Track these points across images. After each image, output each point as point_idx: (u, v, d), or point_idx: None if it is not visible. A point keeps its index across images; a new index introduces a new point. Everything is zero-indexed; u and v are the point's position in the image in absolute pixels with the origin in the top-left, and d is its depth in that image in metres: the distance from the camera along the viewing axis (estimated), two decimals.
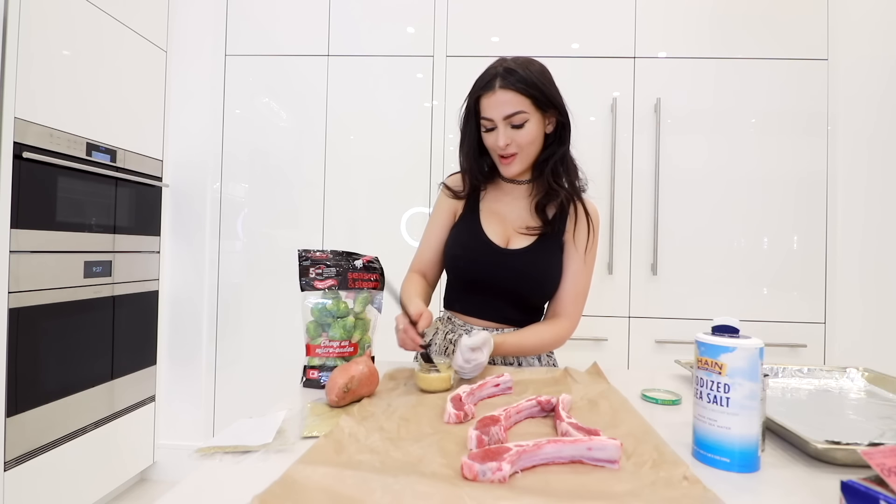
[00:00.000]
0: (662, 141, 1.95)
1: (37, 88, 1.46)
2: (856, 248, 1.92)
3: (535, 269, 1.03)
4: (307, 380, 0.85)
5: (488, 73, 0.99)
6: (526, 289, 1.04)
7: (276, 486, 0.46)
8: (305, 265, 0.87)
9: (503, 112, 0.96)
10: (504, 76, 0.96)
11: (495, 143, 0.99)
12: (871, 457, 0.41)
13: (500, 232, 1.06)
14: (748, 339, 0.55)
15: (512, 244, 1.05)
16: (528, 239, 1.04)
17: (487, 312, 1.06)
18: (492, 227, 1.06)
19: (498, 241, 1.04)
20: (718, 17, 1.96)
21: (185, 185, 2.10)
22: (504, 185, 1.11)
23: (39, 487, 1.49)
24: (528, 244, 1.04)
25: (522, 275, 1.02)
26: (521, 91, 0.96)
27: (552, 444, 0.53)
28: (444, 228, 1.12)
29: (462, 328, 1.07)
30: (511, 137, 0.98)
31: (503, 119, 0.97)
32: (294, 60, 2.08)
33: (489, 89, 0.97)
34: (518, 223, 1.07)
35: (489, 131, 1.01)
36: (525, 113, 0.97)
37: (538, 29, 2.00)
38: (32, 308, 1.46)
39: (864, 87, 1.92)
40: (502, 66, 0.98)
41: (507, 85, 0.96)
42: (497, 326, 1.06)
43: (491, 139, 1.01)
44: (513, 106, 0.96)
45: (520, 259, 1.03)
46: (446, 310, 1.14)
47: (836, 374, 0.94)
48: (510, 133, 0.98)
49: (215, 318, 2.10)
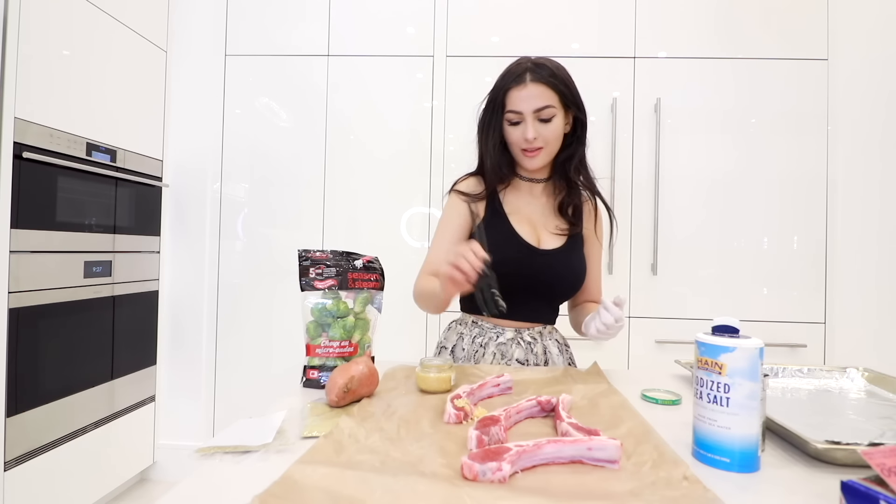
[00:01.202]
0: (662, 141, 1.95)
1: (37, 88, 1.46)
2: (856, 247, 1.92)
3: (569, 268, 1.06)
4: (307, 380, 0.85)
5: (517, 67, 1.01)
6: (560, 287, 1.07)
7: (276, 486, 0.46)
8: (305, 265, 0.87)
9: (534, 105, 0.98)
10: (535, 70, 0.99)
11: (522, 136, 1.00)
12: (871, 457, 0.41)
13: (531, 232, 1.06)
14: (748, 339, 0.55)
15: (543, 244, 1.06)
16: (559, 238, 1.06)
17: (521, 313, 1.06)
18: (522, 228, 1.05)
19: (531, 242, 1.05)
20: (718, 17, 1.96)
21: (185, 185, 2.11)
22: (521, 184, 1.11)
23: (39, 487, 1.49)
24: (560, 244, 1.06)
25: (557, 274, 1.04)
26: (551, 86, 0.98)
27: (552, 444, 0.53)
28: (460, 230, 1.08)
29: (492, 330, 1.06)
30: (538, 131, 0.99)
31: (533, 112, 0.98)
32: (294, 60, 2.08)
33: (521, 82, 0.98)
34: (545, 222, 1.08)
35: (515, 125, 1.01)
36: (553, 108, 0.99)
37: (538, 29, 2.00)
38: (32, 308, 1.46)
39: (864, 87, 1.92)
40: (531, 62, 1.01)
41: (539, 79, 0.98)
42: (528, 326, 1.07)
43: (517, 132, 1.01)
44: (543, 99, 0.98)
45: (554, 258, 1.04)
46: (468, 314, 1.12)
47: (836, 374, 0.94)
48: (538, 127, 0.99)
49: (215, 318, 2.10)
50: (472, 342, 1.07)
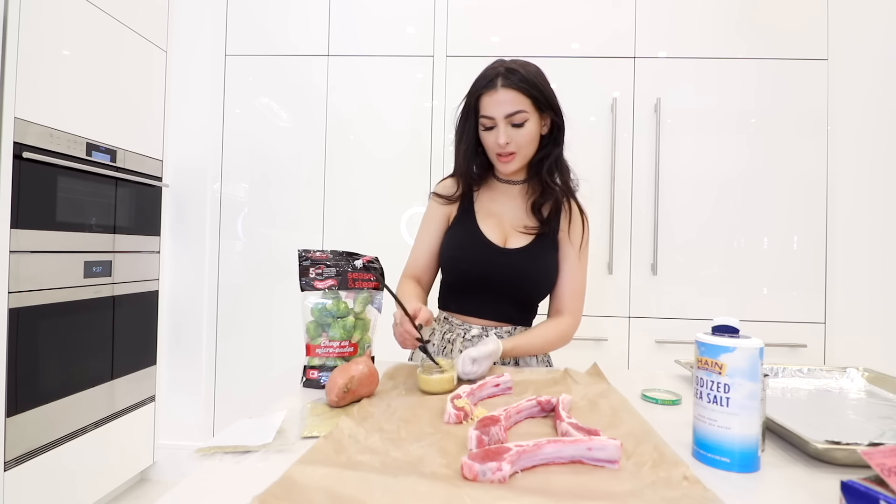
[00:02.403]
0: (662, 141, 1.95)
1: (37, 88, 1.46)
2: (856, 247, 1.92)
3: (534, 267, 1.04)
4: (307, 380, 0.85)
5: (489, 72, 1.01)
6: (524, 287, 1.05)
7: (276, 486, 0.46)
8: (305, 265, 0.87)
9: (505, 111, 0.98)
10: (506, 76, 0.98)
11: (495, 142, 1.00)
12: (871, 457, 0.41)
13: (498, 232, 1.07)
14: (748, 339, 0.55)
15: (510, 243, 1.06)
16: (526, 238, 1.06)
17: (485, 311, 1.07)
18: (489, 227, 1.07)
19: (496, 241, 1.05)
20: (718, 17, 1.96)
21: (185, 185, 2.10)
22: (498, 185, 1.12)
23: (39, 487, 1.49)
24: (525, 243, 1.05)
25: (521, 273, 1.03)
26: (522, 91, 0.98)
27: (552, 444, 0.53)
28: (437, 233, 1.12)
29: (460, 327, 1.07)
30: (511, 136, 1.00)
31: (504, 118, 0.98)
32: (294, 60, 2.08)
33: (491, 88, 0.98)
34: (515, 222, 1.08)
35: (488, 130, 1.02)
36: (525, 112, 0.99)
37: (538, 29, 2.00)
38: (32, 308, 1.46)
39: (864, 87, 1.92)
40: (503, 66, 1.00)
41: (510, 84, 0.97)
42: (495, 325, 1.07)
43: (491, 138, 1.02)
44: (514, 105, 0.98)
45: (518, 258, 1.04)
46: (442, 310, 1.14)
47: (836, 374, 0.94)
48: (510, 132, 0.99)
49: (215, 318, 2.10)
50: (441, 337, 1.09)
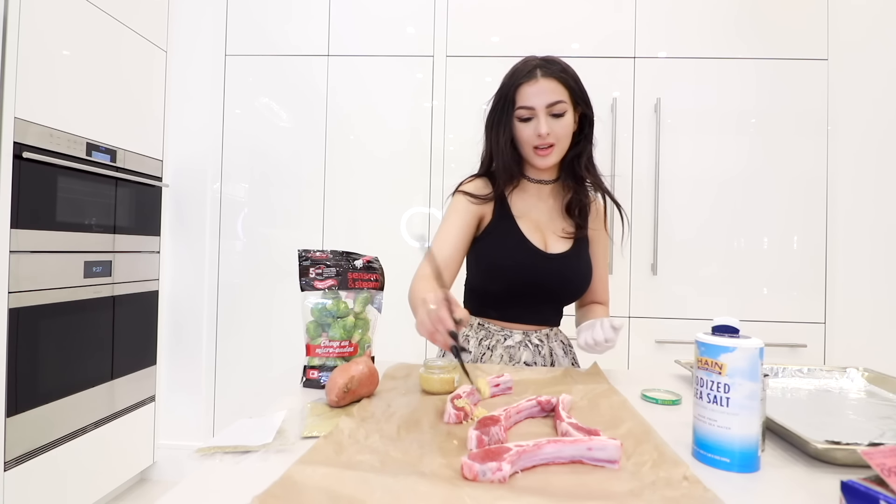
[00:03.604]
0: (662, 141, 1.95)
1: (37, 88, 1.46)
2: (856, 247, 1.92)
3: (577, 271, 1.06)
4: (307, 380, 0.85)
5: (527, 64, 1.00)
6: (568, 291, 1.07)
7: (276, 486, 0.46)
8: (305, 265, 0.87)
9: (546, 100, 0.97)
10: (545, 66, 0.98)
11: (534, 132, 0.98)
12: (871, 457, 0.41)
13: (538, 236, 1.05)
14: (748, 339, 0.55)
15: (550, 248, 1.05)
16: (566, 242, 1.06)
17: (527, 317, 1.06)
18: (530, 233, 1.04)
19: (539, 246, 1.04)
20: (718, 17, 1.96)
21: (185, 185, 2.10)
22: (529, 186, 1.09)
23: (39, 487, 1.49)
24: (566, 248, 1.05)
25: (565, 278, 1.04)
26: (562, 81, 0.98)
27: (552, 444, 0.53)
28: (469, 230, 1.04)
29: (500, 333, 1.06)
30: (551, 126, 0.98)
31: (545, 107, 0.97)
32: (294, 60, 2.08)
33: (532, 77, 0.98)
34: (552, 226, 1.07)
35: (526, 121, 1.00)
36: (564, 103, 0.98)
37: (538, 29, 2.00)
38: (32, 308, 1.46)
39: (864, 87, 1.92)
40: (540, 59, 1.00)
41: (550, 73, 0.98)
42: (535, 328, 1.07)
43: (529, 129, 1.00)
44: (555, 94, 0.97)
45: (562, 263, 1.03)
46: (476, 317, 1.10)
47: (836, 374, 0.94)
48: (550, 122, 0.98)
49: (215, 318, 2.10)
50: (478, 344, 1.06)
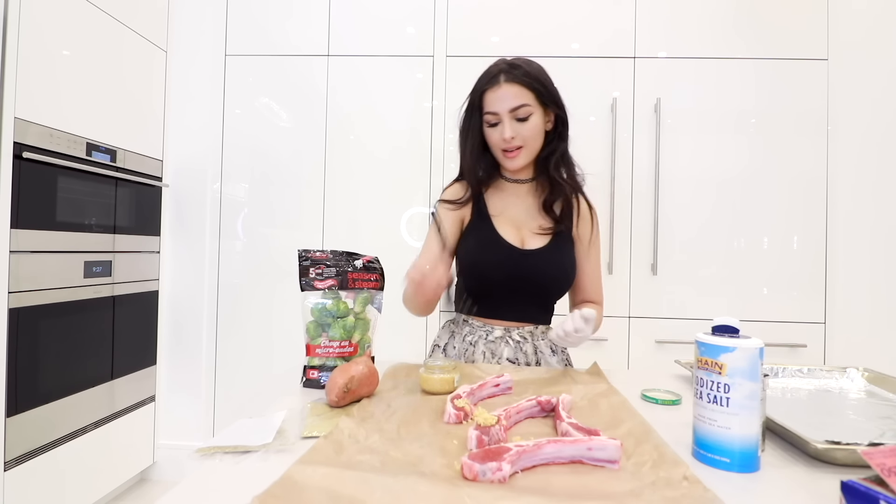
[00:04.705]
0: (662, 141, 1.95)
1: (37, 88, 1.46)
2: (856, 247, 1.92)
3: (555, 266, 1.06)
4: (307, 380, 0.85)
5: (491, 70, 1.03)
6: (546, 287, 1.07)
7: (276, 486, 0.46)
8: (305, 265, 0.87)
9: (509, 105, 0.99)
10: (508, 71, 1.00)
11: (501, 137, 1.01)
12: (871, 457, 0.41)
13: (515, 234, 1.07)
14: (748, 339, 0.55)
15: (527, 244, 1.06)
16: (544, 238, 1.07)
17: (508, 313, 1.07)
18: (506, 230, 1.07)
19: (515, 243, 1.05)
20: (718, 17, 1.96)
21: (185, 185, 2.10)
22: (506, 185, 1.12)
23: (39, 487, 1.49)
24: (544, 244, 1.06)
25: (543, 273, 1.05)
26: (525, 84, 1.00)
27: (552, 444, 0.53)
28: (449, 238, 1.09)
29: (482, 329, 1.07)
30: (516, 130, 1.01)
31: (509, 112, 1.00)
32: (294, 60, 2.08)
33: (495, 83, 1.00)
34: (530, 223, 1.09)
35: (493, 126, 1.03)
36: (529, 106, 1.00)
37: (538, 29, 2.00)
38: (32, 308, 1.46)
39: (864, 87, 1.92)
40: (505, 63, 1.03)
41: (512, 79, 0.99)
42: (518, 325, 1.08)
43: (496, 134, 1.03)
44: (518, 99, 0.99)
45: (539, 258, 1.05)
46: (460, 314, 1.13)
47: (836, 374, 0.94)
48: (515, 126, 1.01)
49: (215, 318, 2.10)
50: (462, 340, 1.09)
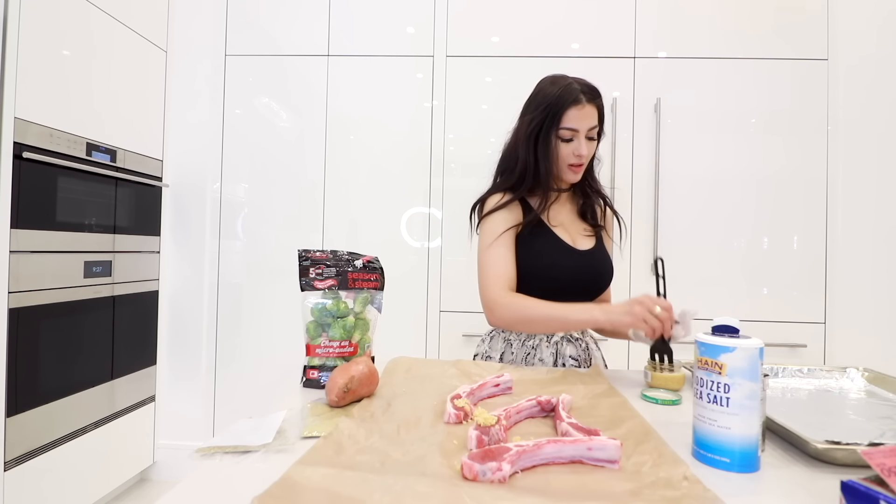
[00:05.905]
0: (662, 141, 1.95)
1: (37, 88, 1.46)
2: (856, 247, 1.92)
3: (606, 264, 1.16)
4: (307, 380, 0.85)
5: (571, 87, 1.06)
6: (600, 284, 1.15)
7: (276, 486, 0.46)
8: (305, 265, 0.87)
9: (589, 124, 1.06)
10: (588, 93, 1.06)
11: (576, 152, 1.07)
12: (871, 457, 0.41)
13: (568, 237, 1.13)
14: (748, 339, 0.55)
15: (579, 246, 1.13)
16: (590, 240, 1.15)
17: None
18: (563, 234, 1.13)
19: (574, 246, 1.12)
20: (718, 17, 1.96)
21: (185, 185, 2.10)
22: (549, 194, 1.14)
23: (39, 487, 1.49)
24: (592, 245, 1.15)
25: (597, 272, 1.14)
26: (599, 108, 1.08)
27: (552, 444, 0.53)
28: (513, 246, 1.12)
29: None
30: (589, 149, 1.09)
31: (587, 130, 1.07)
32: (294, 60, 2.08)
33: (579, 102, 1.05)
34: (576, 227, 1.17)
35: (567, 141, 1.08)
36: (597, 128, 1.09)
37: (538, 29, 2.00)
38: (32, 308, 1.46)
39: (864, 87, 1.92)
40: (581, 83, 1.07)
41: (592, 100, 1.06)
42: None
43: (569, 148, 1.08)
44: (594, 120, 1.07)
45: (592, 258, 1.13)
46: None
47: (836, 374, 0.94)
48: (587, 145, 1.08)
49: (215, 318, 2.10)
50: (521, 345, 1.11)
